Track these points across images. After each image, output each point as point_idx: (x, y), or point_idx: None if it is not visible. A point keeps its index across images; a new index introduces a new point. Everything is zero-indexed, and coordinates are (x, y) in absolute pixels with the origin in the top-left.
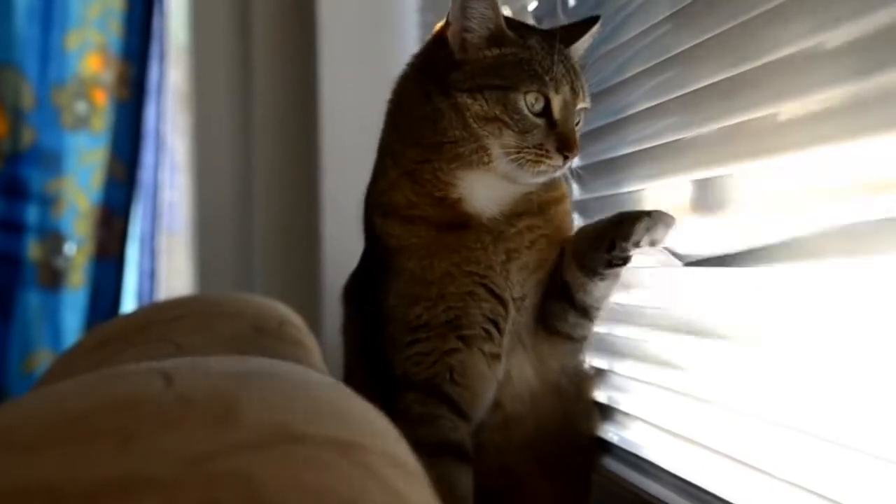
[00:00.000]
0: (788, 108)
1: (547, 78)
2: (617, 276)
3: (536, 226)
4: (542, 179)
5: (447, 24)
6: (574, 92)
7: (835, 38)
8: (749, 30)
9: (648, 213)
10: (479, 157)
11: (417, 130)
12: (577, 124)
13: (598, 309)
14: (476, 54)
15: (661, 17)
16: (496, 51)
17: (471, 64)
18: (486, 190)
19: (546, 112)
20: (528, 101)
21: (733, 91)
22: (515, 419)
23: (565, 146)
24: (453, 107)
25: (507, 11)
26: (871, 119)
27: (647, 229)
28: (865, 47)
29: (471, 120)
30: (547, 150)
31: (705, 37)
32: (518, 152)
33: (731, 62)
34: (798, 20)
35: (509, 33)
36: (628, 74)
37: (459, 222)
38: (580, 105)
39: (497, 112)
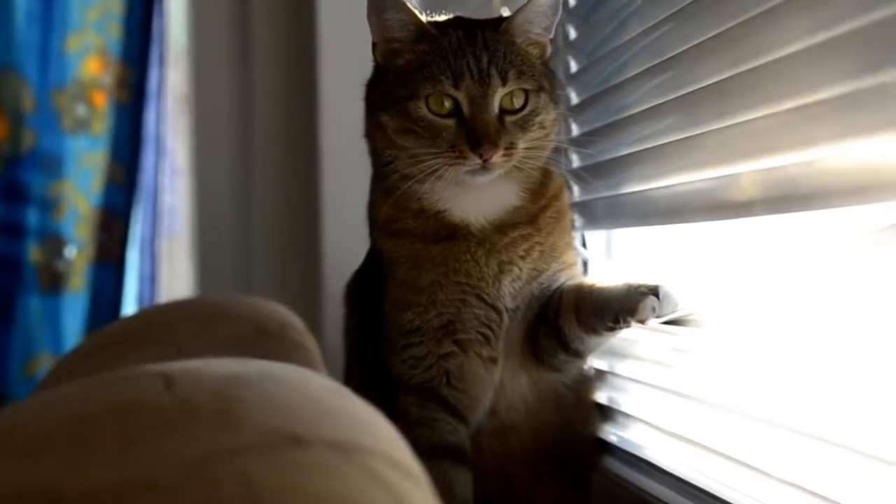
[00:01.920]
0: (787, 108)
1: (443, 77)
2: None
3: (529, 235)
4: (483, 180)
5: (374, 44)
6: (483, 80)
7: (833, 37)
8: (747, 30)
9: (656, 292)
10: (419, 169)
11: (370, 153)
12: (519, 112)
13: (591, 352)
14: (396, 64)
15: (660, 18)
16: (407, 56)
17: (387, 77)
18: (464, 200)
19: (457, 110)
20: (433, 105)
21: (733, 91)
22: (511, 426)
23: (476, 143)
24: (377, 125)
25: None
26: (870, 118)
27: (654, 310)
28: (864, 46)
29: (394, 136)
30: (461, 151)
31: (704, 37)
32: (435, 158)
33: (730, 62)
34: (796, 20)
35: (430, 30)
36: (628, 75)
37: (446, 233)
38: (501, 91)
39: (406, 123)
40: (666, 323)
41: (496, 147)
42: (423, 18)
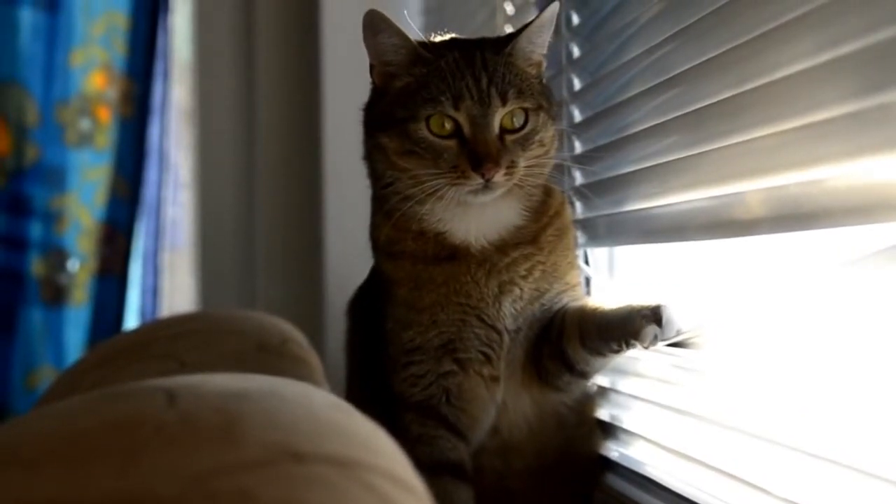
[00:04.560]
0: (791, 127)
1: (443, 98)
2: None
3: (531, 254)
4: (485, 199)
5: (371, 66)
6: (483, 101)
7: (837, 56)
8: (752, 49)
9: (658, 316)
10: (421, 190)
11: (369, 176)
12: (519, 130)
13: (597, 373)
14: (394, 86)
15: (664, 37)
16: (405, 79)
17: (385, 99)
18: (464, 221)
19: (458, 131)
20: (433, 127)
21: (736, 110)
22: (513, 445)
23: (477, 162)
24: (377, 147)
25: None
26: (874, 137)
27: (656, 337)
28: (868, 66)
29: (394, 158)
30: (463, 171)
31: (708, 56)
32: (437, 178)
33: (734, 81)
34: (800, 39)
35: (424, 53)
36: (632, 93)
37: (447, 254)
38: (502, 111)
39: (407, 145)
40: (669, 345)
41: (498, 166)
42: (417, 41)
